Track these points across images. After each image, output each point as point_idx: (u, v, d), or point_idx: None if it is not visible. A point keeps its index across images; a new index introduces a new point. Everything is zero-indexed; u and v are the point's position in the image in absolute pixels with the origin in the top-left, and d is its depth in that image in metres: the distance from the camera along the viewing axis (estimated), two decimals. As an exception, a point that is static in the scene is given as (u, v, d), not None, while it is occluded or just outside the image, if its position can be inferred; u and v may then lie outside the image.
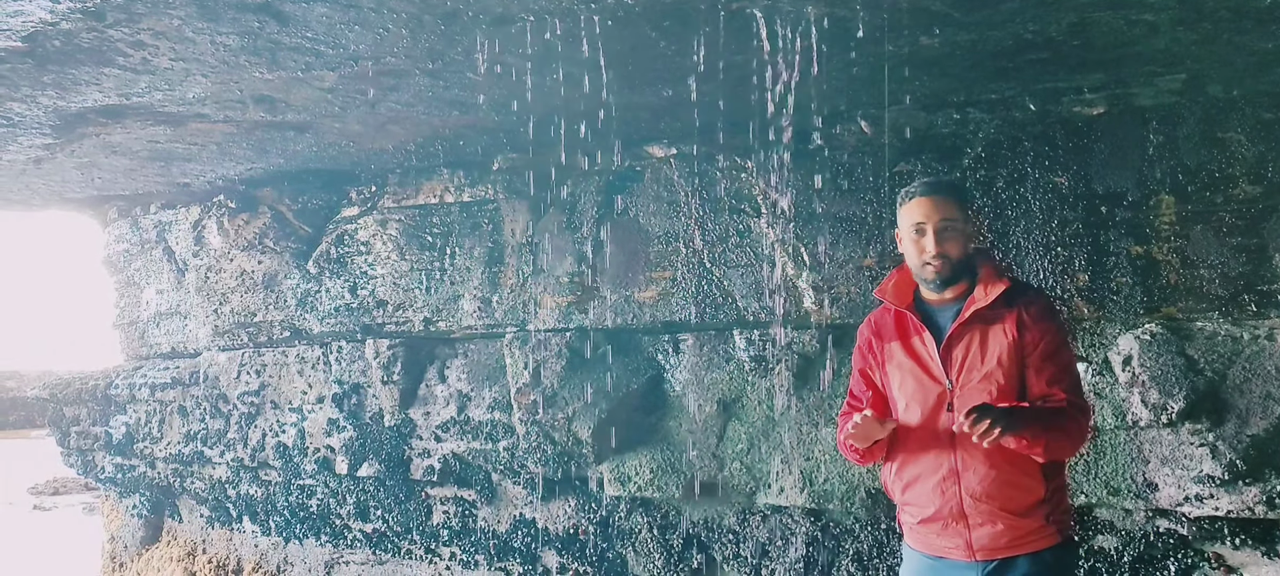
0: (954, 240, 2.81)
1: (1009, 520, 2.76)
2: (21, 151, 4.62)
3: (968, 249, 2.87)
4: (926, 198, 2.83)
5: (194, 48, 3.27)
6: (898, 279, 2.98)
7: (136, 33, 3.08)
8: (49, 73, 3.42)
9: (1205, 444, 3.84)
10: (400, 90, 3.86)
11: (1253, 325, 3.90)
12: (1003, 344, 2.77)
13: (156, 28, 3.05)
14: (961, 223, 2.84)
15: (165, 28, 3.06)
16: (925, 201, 2.83)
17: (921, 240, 2.82)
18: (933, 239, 2.79)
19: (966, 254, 2.86)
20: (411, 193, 5.71)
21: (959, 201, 2.87)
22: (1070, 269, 4.17)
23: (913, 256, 2.87)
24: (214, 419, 6.64)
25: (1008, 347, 2.77)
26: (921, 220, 2.81)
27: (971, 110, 4.31)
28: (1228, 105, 3.95)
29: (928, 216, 2.80)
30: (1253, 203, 3.91)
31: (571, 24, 3.08)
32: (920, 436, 2.86)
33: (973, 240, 2.91)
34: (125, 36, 3.10)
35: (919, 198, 2.85)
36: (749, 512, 4.83)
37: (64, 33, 3.01)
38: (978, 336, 2.80)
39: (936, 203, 2.82)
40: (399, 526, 5.93)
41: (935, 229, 2.79)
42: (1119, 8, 3.06)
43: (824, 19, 3.04)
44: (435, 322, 5.65)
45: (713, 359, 4.91)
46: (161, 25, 3.03)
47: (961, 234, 2.83)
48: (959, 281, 2.86)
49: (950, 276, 2.83)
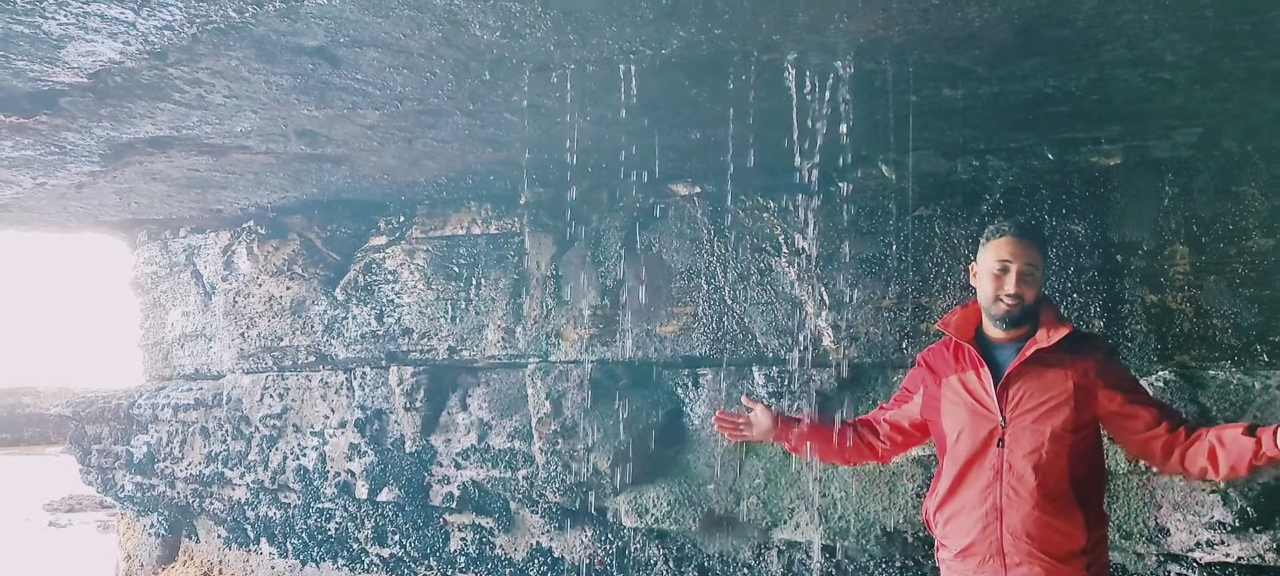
0: (1032, 284, 2.89)
1: (1047, 564, 2.79)
2: (68, 177, 4.77)
3: (1039, 294, 2.95)
4: (1016, 238, 2.91)
5: (248, 86, 3.41)
6: (961, 315, 3.06)
7: (195, 71, 3.22)
8: (107, 106, 3.56)
9: (1217, 491, 3.90)
10: (438, 128, 3.99)
11: (1264, 375, 3.97)
12: (1061, 388, 2.83)
13: (215, 67, 3.19)
14: (1041, 269, 2.93)
15: (223, 67, 3.20)
16: (1014, 242, 2.90)
17: (1003, 277, 2.88)
18: (1015, 279, 2.86)
19: (1034, 300, 2.93)
20: (439, 223, 5.84)
21: (1042, 249, 2.97)
22: (1086, 315, 4.25)
23: (987, 291, 2.93)
24: (236, 440, 6.74)
25: (1068, 393, 2.83)
26: (1007, 259, 2.88)
27: (991, 158, 4.42)
28: (1242, 159, 4.05)
29: (1014, 256, 2.88)
30: (1265, 255, 4.00)
31: (609, 72, 3.22)
32: (967, 469, 2.92)
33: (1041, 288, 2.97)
34: (184, 74, 3.24)
35: (1009, 237, 2.92)
36: (765, 547, 4.90)
37: (127, 70, 3.15)
38: (1036, 378, 2.86)
39: (1024, 245, 2.89)
40: (416, 552, 6.01)
41: (1019, 271, 2.86)
42: (1138, 66, 3.17)
43: (851, 71, 3.17)
44: (459, 351, 5.75)
45: (732, 393, 5.00)
46: (220, 65, 3.17)
47: (1037, 280, 2.91)
48: (1024, 323, 2.93)
49: (1020, 317, 2.90)
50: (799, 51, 3.04)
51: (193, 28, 2.76)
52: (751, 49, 3.05)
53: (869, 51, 3.06)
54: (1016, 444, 2.81)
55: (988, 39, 2.94)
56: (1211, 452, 2.68)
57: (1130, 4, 2.65)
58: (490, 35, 2.93)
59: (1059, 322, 2.89)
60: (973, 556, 2.88)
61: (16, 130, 3.84)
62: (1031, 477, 2.78)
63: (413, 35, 2.94)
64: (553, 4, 2.70)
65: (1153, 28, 2.82)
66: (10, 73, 3.20)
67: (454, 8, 2.73)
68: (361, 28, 2.89)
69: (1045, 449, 2.79)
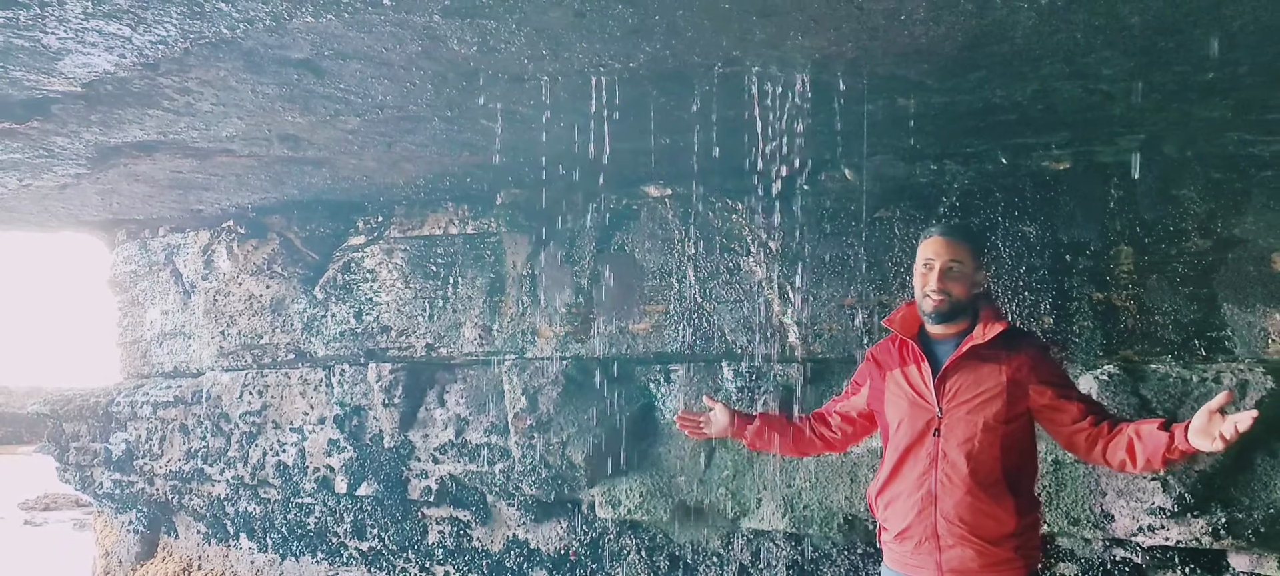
0: (957, 281, 3.04)
1: (979, 546, 2.97)
2: (53, 179, 4.87)
3: (971, 291, 3.09)
4: (941, 237, 3.09)
5: (235, 95, 3.54)
6: (906, 312, 3.22)
7: (185, 81, 3.35)
8: (97, 112, 3.68)
9: (1157, 478, 4.12)
10: (417, 133, 4.15)
11: (1202, 368, 4.19)
12: (995, 381, 3.00)
13: (204, 77, 3.32)
14: (968, 267, 3.06)
15: (212, 77, 3.33)
16: (939, 241, 3.08)
17: (928, 275, 3.05)
18: (938, 276, 3.03)
19: (969, 296, 3.08)
20: (417, 223, 5.99)
21: (970, 247, 3.10)
22: (1036, 312, 4.46)
23: (918, 288, 3.11)
24: (215, 437, 6.84)
25: (1000, 386, 2.99)
26: (932, 257, 3.06)
27: (947, 162, 4.62)
28: (1182, 165, 4.27)
29: (938, 254, 3.05)
30: (1203, 255, 4.22)
31: (581, 82, 3.39)
32: (906, 457, 3.10)
33: (978, 285, 3.12)
34: (174, 83, 3.37)
35: (934, 237, 3.10)
36: (733, 536, 5.09)
37: (119, 80, 3.28)
38: (972, 372, 3.03)
39: (948, 243, 3.06)
40: (395, 545, 6.15)
41: (943, 268, 3.03)
42: (1077, 78, 3.37)
43: (809, 82, 3.35)
44: (437, 349, 5.90)
45: (702, 388, 5.17)
46: (209, 75, 3.31)
47: (965, 277, 3.05)
48: (958, 319, 3.09)
49: (948, 314, 3.06)
50: (759, 65, 3.22)
51: (186, 43, 2.91)
52: (714, 63, 3.23)
53: (825, 65, 3.24)
54: (951, 433, 2.99)
55: (935, 54, 3.13)
56: (1129, 446, 2.85)
57: (1063, 23, 2.84)
58: (467, 49, 3.10)
59: (996, 319, 3.05)
60: (910, 538, 3.06)
61: (7, 134, 3.95)
62: (964, 465, 2.96)
63: (394, 49, 3.10)
64: (527, 22, 2.87)
65: (1086, 45, 3.02)
66: (7, 82, 3.33)
67: (433, 25, 2.89)
68: (346, 42, 3.04)
69: (978, 438, 2.96)
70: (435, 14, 2.80)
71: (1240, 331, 4.17)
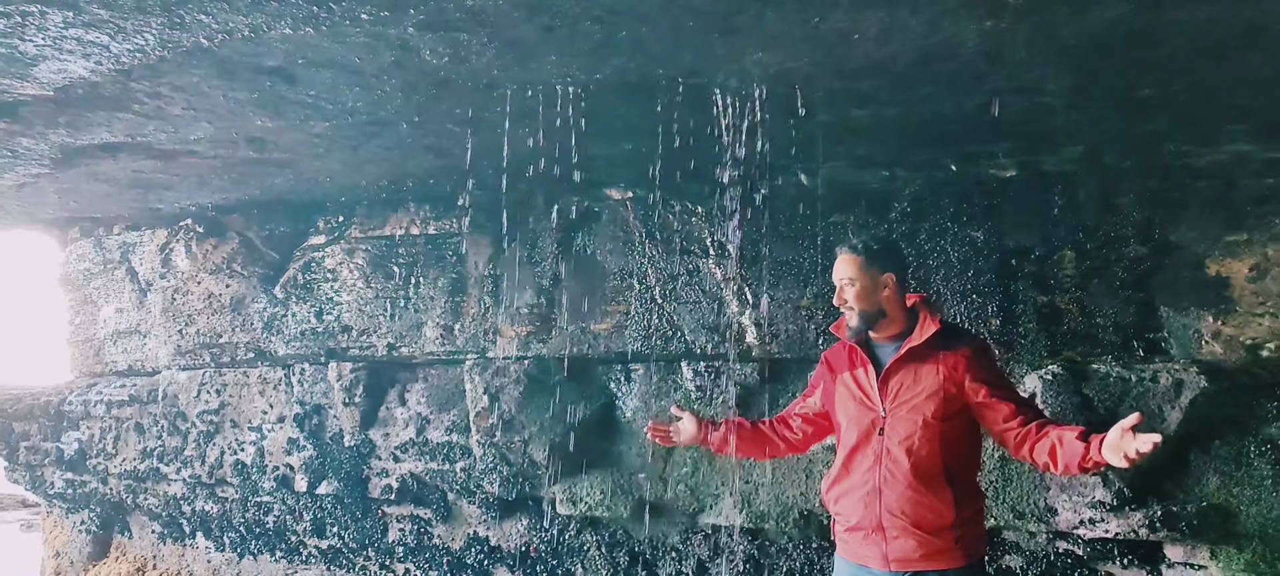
0: (857, 293, 3.22)
1: (920, 536, 3.13)
2: (14, 179, 4.84)
3: (877, 298, 3.24)
4: (840, 258, 3.28)
5: (207, 100, 3.58)
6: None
7: (157, 86, 3.39)
8: (66, 115, 3.69)
9: (1098, 473, 4.30)
10: (383, 137, 4.21)
11: (1140, 368, 4.39)
12: (933, 381, 3.16)
13: (176, 82, 3.36)
14: (866, 278, 3.22)
15: (184, 83, 3.37)
16: (839, 261, 3.28)
17: (837, 294, 3.27)
18: (839, 293, 3.26)
19: (876, 303, 3.23)
20: (378, 223, 6.02)
21: (867, 260, 3.24)
22: (984, 315, 4.63)
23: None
24: (171, 436, 6.81)
25: (938, 385, 3.15)
26: (836, 278, 3.28)
27: (899, 169, 4.77)
28: (1121, 174, 4.46)
29: (838, 274, 3.27)
30: (1141, 260, 4.42)
31: (548, 91, 3.49)
32: (854, 455, 3.26)
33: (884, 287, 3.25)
34: (146, 88, 3.40)
35: (837, 259, 3.30)
36: (691, 531, 5.21)
37: (91, 84, 3.31)
38: (912, 372, 3.19)
39: (843, 261, 3.26)
40: (355, 543, 6.19)
41: (841, 283, 3.25)
42: (1021, 92, 3.54)
43: (767, 94, 3.49)
44: (398, 348, 5.95)
45: (662, 388, 5.28)
46: (182, 81, 3.35)
47: (864, 288, 3.22)
48: (879, 325, 3.26)
49: (860, 323, 3.24)
50: (720, 78, 3.35)
51: (163, 50, 2.95)
52: (677, 75, 3.35)
53: (782, 78, 3.38)
54: (894, 431, 3.16)
55: (885, 69, 3.28)
56: (1052, 450, 3.01)
57: (1006, 42, 3.00)
58: (439, 60, 3.17)
59: (932, 320, 3.22)
60: (859, 531, 3.23)
61: (-27, 136, 3.96)
62: (905, 461, 3.13)
63: (367, 59, 3.17)
64: (498, 35, 2.96)
65: (1027, 62, 3.18)
66: (-21, 87, 3.34)
67: (407, 37, 2.96)
68: (321, 51, 3.10)
69: (918, 435, 3.13)
70: (409, 27, 2.88)
71: (1176, 333, 4.37)
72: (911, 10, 2.79)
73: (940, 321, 3.23)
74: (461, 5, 2.75)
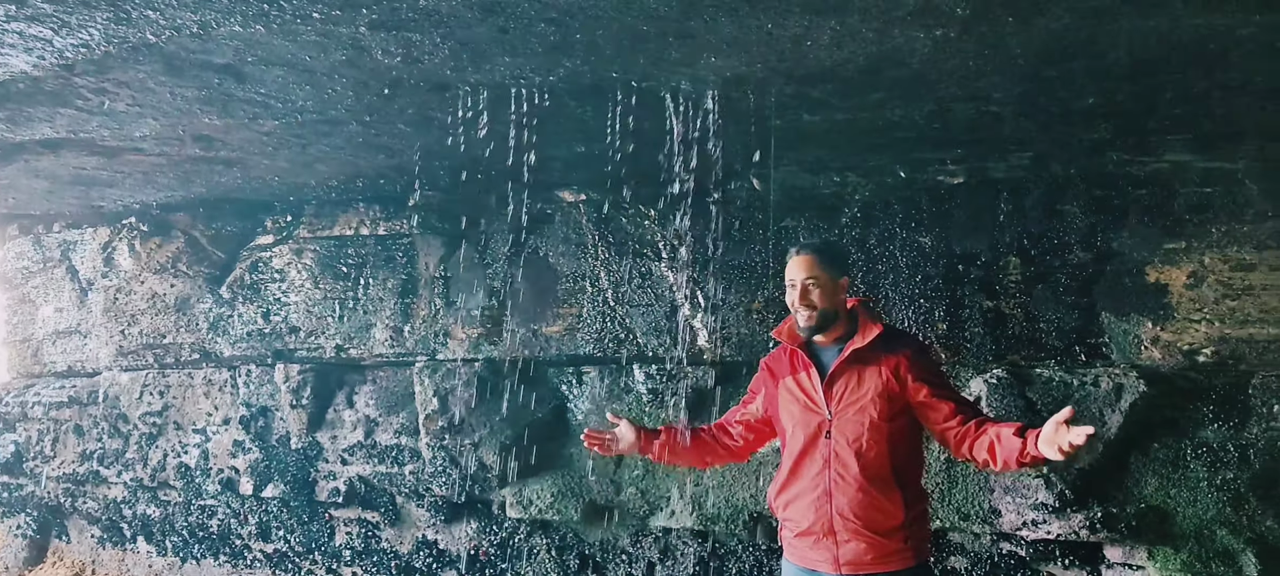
0: (819, 295, 3.21)
1: (871, 538, 3.14)
2: (-51, 173, 4.73)
3: (836, 300, 3.26)
4: (798, 256, 3.25)
5: (153, 96, 3.51)
6: (793, 323, 3.36)
7: (101, 82, 3.32)
8: (4, 109, 3.60)
9: (1040, 476, 4.39)
10: (334, 136, 4.16)
11: (1082, 372, 4.48)
12: (877, 382, 3.17)
13: (121, 78, 3.30)
14: (825, 280, 3.22)
15: (129, 79, 3.31)
16: (797, 260, 3.25)
17: (793, 293, 3.24)
18: (800, 293, 3.21)
19: (835, 304, 3.25)
20: (328, 224, 5.96)
21: (827, 261, 3.26)
22: (931, 319, 4.70)
23: (790, 307, 3.28)
24: (112, 438, 6.68)
25: (881, 386, 3.17)
26: (794, 277, 3.23)
27: (850, 175, 4.83)
28: (1067, 182, 4.55)
29: (798, 273, 3.23)
30: (1084, 267, 4.52)
31: (501, 93, 3.47)
32: (802, 459, 3.25)
33: (842, 290, 3.28)
34: (90, 84, 3.33)
35: (795, 257, 3.27)
36: (642, 534, 5.21)
37: (32, 79, 3.23)
38: (856, 375, 3.20)
39: (806, 261, 3.23)
40: (301, 546, 6.10)
41: (803, 284, 3.21)
42: (970, 100, 3.60)
43: (719, 98, 3.50)
44: (347, 350, 5.88)
45: (614, 390, 5.28)
46: (127, 77, 3.28)
47: (825, 289, 3.22)
48: (831, 328, 3.26)
49: (818, 325, 3.24)
50: (674, 82, 3.36)
51: (109, 46, 2.88)
52: (631, 78, 3.36)
53: (735, 83, 3.40)
54: (841, 434, 3.16)
55: (837, 76, 3.31)
56: (990, 447, 3.04)
57: (955, 51, 3.05)
58: (391, 60, 3.15)
59: (873, 323, 3.24)
60: (810, 535, 3.22)
61: (-100, 132, 3.84)
62: (854, 464, 3.13)
63: (318, 57, 3.13)
64: (451, 36, 2.94)
65: (976, 71, 3.24)
66: (-88, 81, 3.24)
67: (359, 36, 2.93)
68: (270, 49, 3.06)
69: (865, 437, 3.13)
70: (361, 26, 2.85)
71: (1117, 338, 4.47)
72: (863, 17, 2.83)
73: (882, 324, 3.26)
74: (414, 5, 2.73)
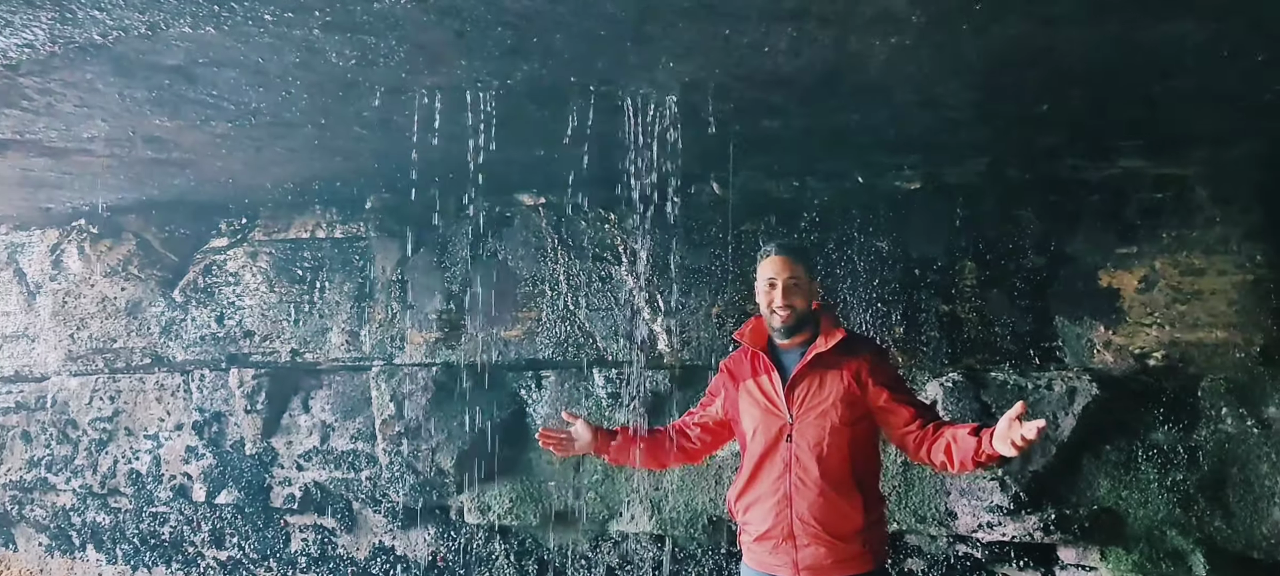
0: (799, 295, 3.24)
1: (831, 542, 3.15)
2: (-112, 174, 4.60)
3: (810, 303, 3.29)
4: (779, 256, 3.27)
5: (101, 97, 3.44)
6: (755, 325, 3.40)
7: (47, 82, 3.24)
8: (-54, 110, 3.52)
9: (995, 478, 4.44)
10: (289, 138, 4.10)
11: (1036, 375, 4.54)
12: (839, 387, 3.19)
13: (68, 79, 3.22)
14: (805, 281, 3.27)
15: (77, 79, 3.23)
16: (778, 259, 3.27)
17: (772, 292, 3.24)
18: (781, 293, 3.22)
19: (809, 307, 3.28)
20: (283, 226, 5.88)
21: (805, 263, 3.32)
22: (888, 322, 4.73)
23: (764, 305, 3.29)
24: (61, 444, 6.55)
25: (843, 391, 3.18)
26: (773, 275, 3.24)
27: (809, 179, 4.85)
28: (1021, 187, 4.60)
29: (778, 273, 3.24)
30: (1038, 271, 4.57)
31: (458, 95, 3.43)
32: (763, 463, 3.26)
33: (815, 294, 3.33)
34: (35, 84, 3.25)
35: (773, 256, 3.28)
36: (602, 539, 5.19)
37: (-25, 78, 3.16)
38: (818, 379, 3.22)
39: (786, 261, 3.26)
40: (256, 553, 6.01)
41: (785, 284, 3.22)
42: (927, 107, 3.62)
43: (679, 103, 3.50)
44: (302, 354, 5.81)
45: (573, 394, 5.26)
46: (74, 77, 3.21)
47: (804, 290, 3.26)
48: (803, 330, 3.27)
49: (794, 325, 3.25)
50: (633, 86, 3.35)
51: (55, 46, 2.82)
52: (589, 83, 3.34)
53: (694, 88, 3.39)
54: (803, 438, 3.17)
55: (796, 82, 3.32)
56: (948, 448, 3.08)
57: (912, 58, 3.07)
58: (346, 62, 3.11)
59: (835, 327, 3.26)
60: (769, 539, 3.22)
61: None
62: (815, 468, 3.14)
63: (272, 60, 3.08)
64: (407, 39, 2.91)
65: (933, 77, 3.26)
66: None
67: (313, 38, 2.89)
68: (223, 51, 3.00)
69: (827, 441, 3.15)
70: (315, 28, 2.81)
71: (1070, 342, 4.53)
72: (820, 25, 2.83)
73: (844, 330, 3.27)
74: (369, 8, 2.69)
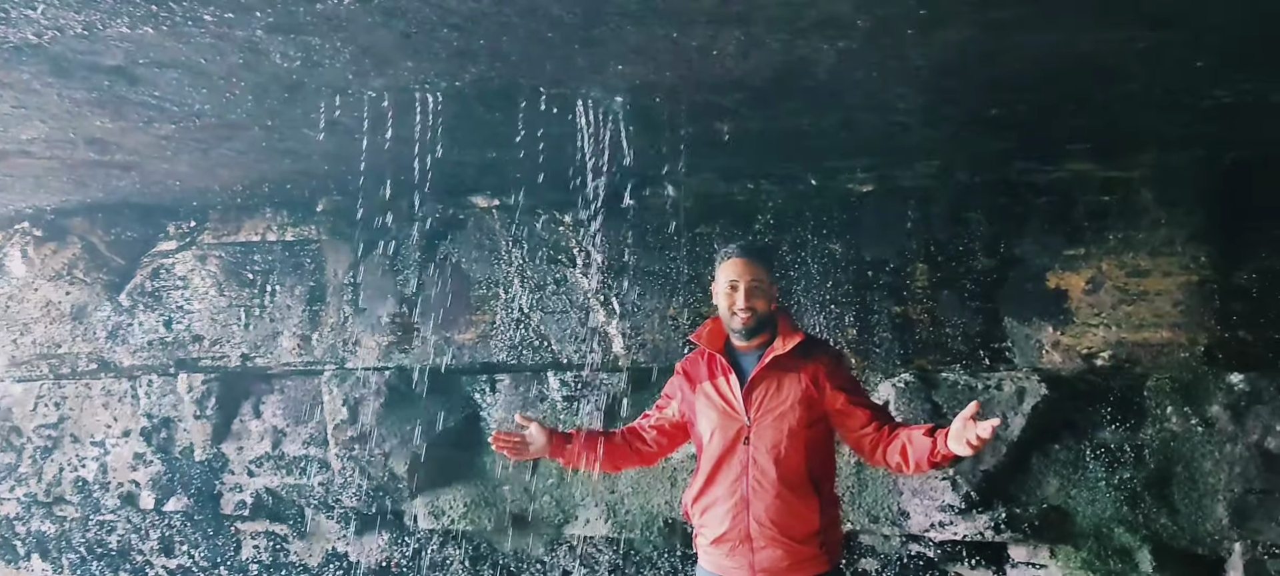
0: (761, 297, 3.23)
1: (787, 544, 3.15)
2: None
3: (771, 306, 3.29)
4: (741, 259, 3.25)
5: (39, 98, 3.36)
6: (712, 327, 3.38)
7: (-19, 83, 3.16)
8: None
9: (947, 478, 4.48)
10: (235, 140, 4.03)
11: (986, 376, 4.58)
12: (796, 390, 3.18)
13: (4, 79, 3.14)
14: (767, 283, 3.26)
15: (12, 79, 3.15)
16: (740, 262, 3.24)
17: (734, 295, 3.21)
18: (743, 295, 3.20)
19: (769, 310, 3.28)
20: (232, 229, 5.79)
21: (767, 266, 3.31)
22: (841, 324, 4.76)
23: (724, 308, 3.27)
24: (4, 452, 6.41)
25: (801, 393, 3.18)
26: (735, 278, 3.22)
27: (763, 182, 4.86)
28: (971, 190, 4.65)
29: (740, 275, 3.22)
30: (988, 273, 4.62)
31: (407, 97, 3.40)
32: (720, 465, 3.24)
33: (774, 299, 3.33)
34: (-34, 84, 3.18)
35: (735, 258, 3.26)
36: (557, 543, 5.17)
37: (-98, 79, 3.07)
38: (776, 381, 3.21)
39: (748, 264, 3.24)
40: (206, 561, 5.92)
41: (747, 287, 3.20)
42: (876, 111, 3.65)
43: (630, 106, 3.49)
44: (253, 359, 5.72)
45: (528, 397, 5.24)
46: (10, 77, 3.13)
47: (765, 292, 3.25)
48: (762, 332, 3.26)
49: (755, 328, 3.24)
50: (583, 89, 3.33)
51: (-13, 46, 2.76)
52: (539, 85, 3.32)
53: (645, 91, 3.38)
54: (760, 441, 3.16)
55: (747, 85, 3.32)
56: (903, 450, 3.09)
57: (860, 62, 3.08)
58: (290, 64, 3.06)
59: (793, 331, 3.26)
60: (725, 542, 3.21)
61: None
62: (773, 470, 3.14)
63: (214, 60, 3.03)
64: (352, 40, 2.87)
65: (881, 82, 3.28)
66: None
67: (256, 39, 2.84)
68: (163, 51, 2.94)
69: (784, 444, 3.15)
70: (258, 29, 2.76)
71: (1019, 343, 4.58)
72: (767, 28, 2.84)
73: (802, 333, 3.28)
74: (312, 9, 2.65)
